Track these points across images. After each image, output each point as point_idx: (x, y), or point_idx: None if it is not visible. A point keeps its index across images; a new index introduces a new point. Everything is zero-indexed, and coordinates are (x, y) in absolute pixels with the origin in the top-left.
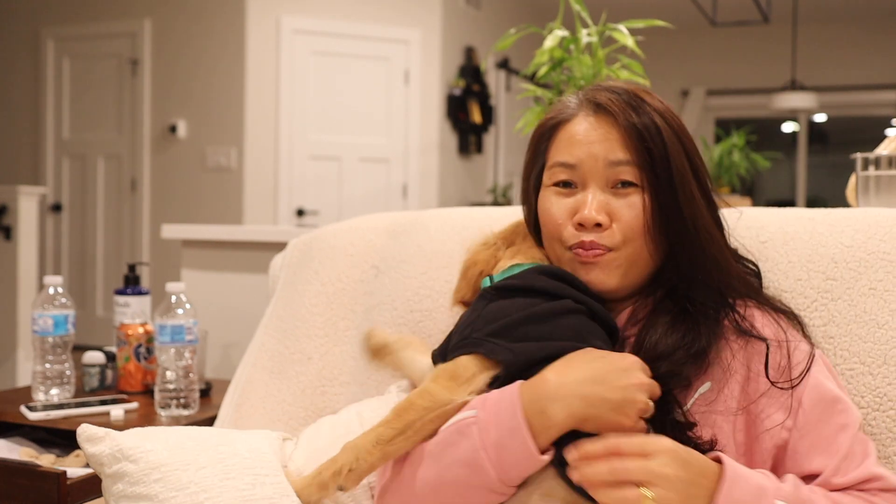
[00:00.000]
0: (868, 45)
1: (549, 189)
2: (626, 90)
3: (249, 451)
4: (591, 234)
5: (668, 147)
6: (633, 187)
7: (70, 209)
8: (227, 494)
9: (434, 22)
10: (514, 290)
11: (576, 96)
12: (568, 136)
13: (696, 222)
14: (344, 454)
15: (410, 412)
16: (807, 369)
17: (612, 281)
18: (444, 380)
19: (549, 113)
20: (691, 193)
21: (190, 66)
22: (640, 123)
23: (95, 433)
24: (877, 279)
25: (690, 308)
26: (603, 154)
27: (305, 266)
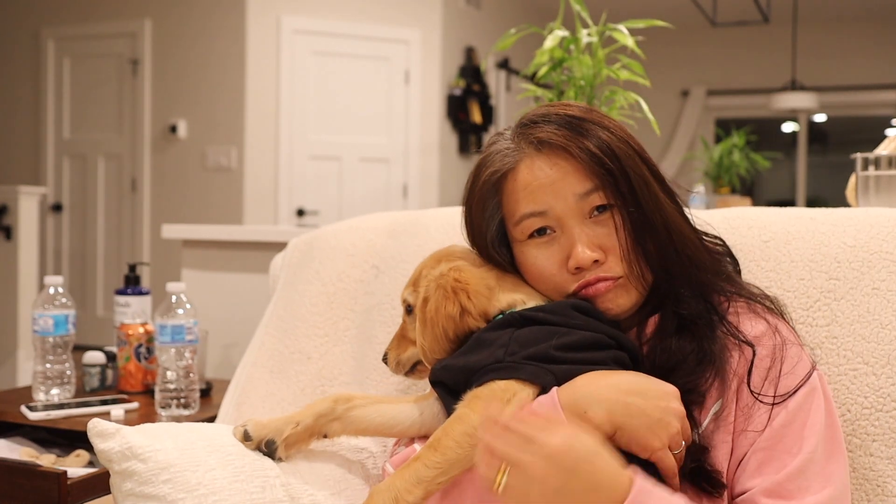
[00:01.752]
0: (868, 45)
1: (525, 244)
2: (555, 114)
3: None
4: (592, 272)
5: (621, 158)
6: (607, 210)
7: (70, 209)
8: (236, 497)
9: (434, 22)
10: (545, 322)
11: (509, 140)
12: (522, 184)
13: (668, 225)
14: (379, 496)
15: (450, 445)
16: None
17: (629, 303)
18: (481, 405)
19: (485, 167)
20: (656, 197)
21: (190, 66)
22: (591, 145)
23: (106, 429)
24: (880, 279)
25: (687, 320)
26: (569, 190)
27: (306, 266)
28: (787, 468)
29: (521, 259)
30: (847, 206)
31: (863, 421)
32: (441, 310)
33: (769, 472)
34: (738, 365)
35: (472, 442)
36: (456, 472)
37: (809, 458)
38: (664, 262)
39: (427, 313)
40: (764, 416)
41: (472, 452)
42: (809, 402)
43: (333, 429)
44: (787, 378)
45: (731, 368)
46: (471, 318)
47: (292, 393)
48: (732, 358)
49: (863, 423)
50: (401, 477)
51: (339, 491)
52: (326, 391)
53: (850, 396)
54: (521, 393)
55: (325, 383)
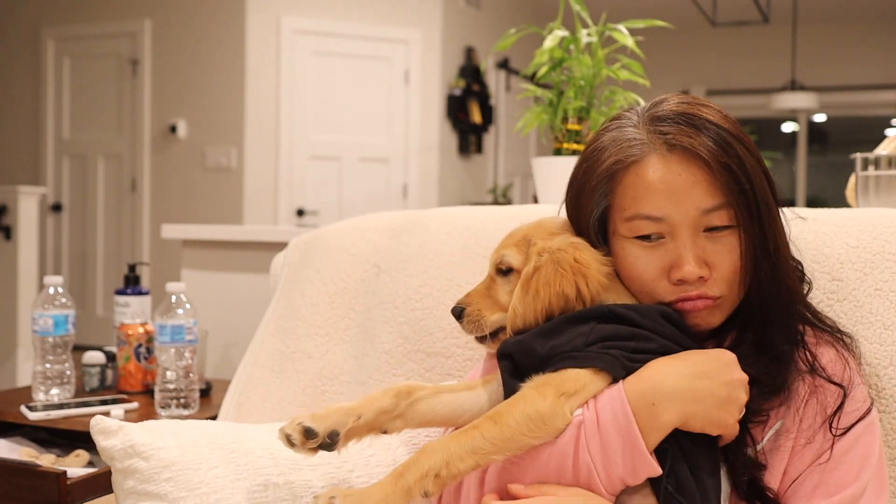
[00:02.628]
0: (868, 45)
1: (629, 241)
2: (693, 115)
3: (263, 449)
4: (694, 288)
5: (753, 179)
6: (727, 229)
7: (70, 209)
8: (237, 496)
9: (434, 22)
10: (632, 323)
11: (638, 129)
12: (645, 183)
13: (779, 252)
14: (430, 457)
15: (509, 423)
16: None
17: (717, 322)
18: (551, 392)
19: (608, 152)
20: (775, 216)
21: (190, 66)
22: (729, 161)
23: (109, 426)
24: (882, 280)
25: (768, 343)
26: (694, 203)
27: (306, 265)
28: (841, 494)
29: (620, 254)
30: (847, 206)
31: None
32: (554, 285)
33: (822, 496)
34: (805, 389)
35: (532, 427)
36: (511, 451)
37: (863, 487)
38: (763, 288)
39: (536, 283)
40: (825, 442)
41: (529, 437)
42: (868, 435)
43: (395, 426)
44: (852, 412)
45: (799, 392)
46: (581, 303)
47: (293, 392)
48: (802, 381)
49: None
50: (456, 441)
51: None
52: (327, 391)
53: None
54: (591, 385)
55: (325, 383)
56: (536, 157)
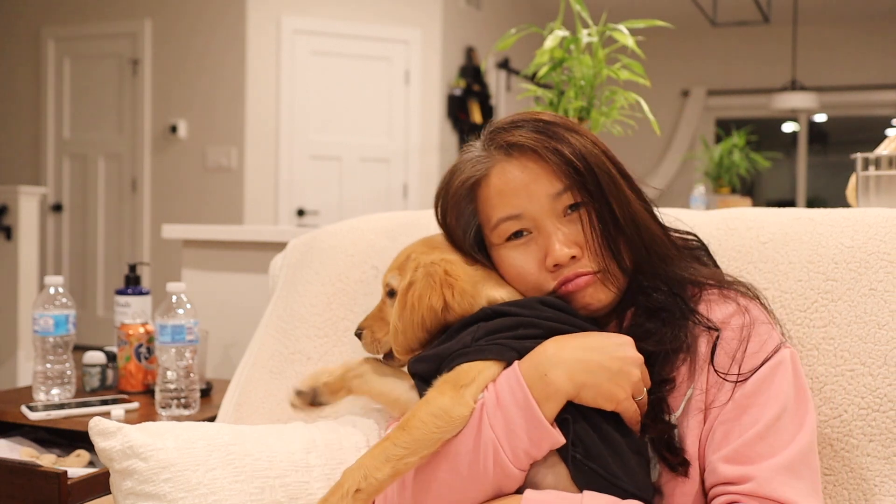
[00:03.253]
0: (868, 45)
1: (503, 247)
2: (523, 119)
3: (261, 451)
4: (570, 268)
5: (588, 158)
6: (579, 208)
7: (70, 209)
8: (235, 497)
9: (434, 22)
10: (514, 315)
11: (479, 149)
12: (496, 190)
13: (636, 221)
14: (349, 476)
15: (416, 425)
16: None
17: (607, 297)
18: (448, 388)
19: (457, 175)
20: (624, 194)
21: (190, 66)
22: (560, 147)
23: (108, 427)
24: (877, 280)
25: (656, 310)
26: (542, 192)
27: (306, 266)
28: (747, 434)
29: (500, 262)
30: (847, 206)
31: (859, 421)
32: (424, 299)
33: (731, 440)
34: (706, 348)
35: (438, 423)
36: (424, 452)
37: (770, 424)
38: (634, 257)
39: (409, 298)
40: (728, 392)
41: (437, 434)
42: (773, 374)
43: (355, 385)
44: (753, 356)
45: (700, 354)
46: (451, 315)
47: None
48: (702, 343)
49: (859, 424)
50: (370, 455)
51: None
52: None
53: (846, 397)
54: (486, 371)
55: None
56: None
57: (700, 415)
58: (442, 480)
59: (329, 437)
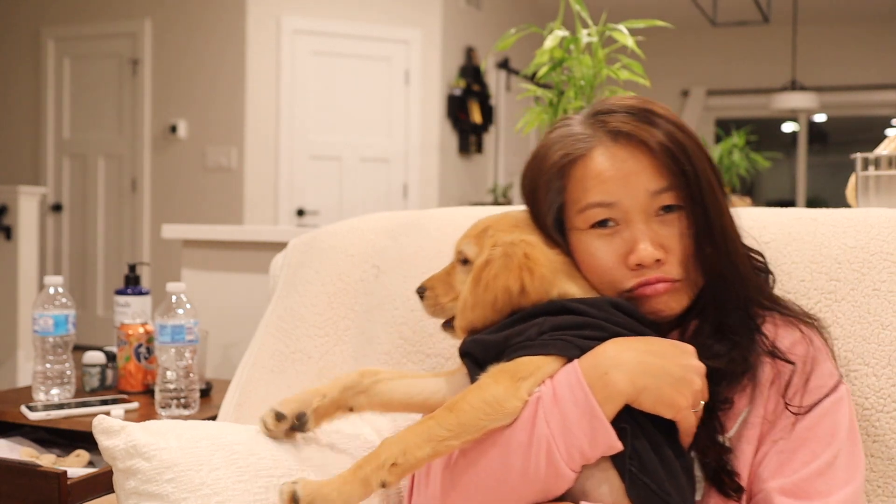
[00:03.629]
0: (868, 45)
1: (586, 233)
2: (637, 108)
3: (265, 451)
4: (652, 272)
5: (694, 161)
6: (675, 211)
7: (70, 209)
8: (239, 497)
9: (434, 22)
10: (582, 314)
11: (583, 124)
12: (593, 172)
13: (726, 234)
14: (387, 448)
15: (465, 409)
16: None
17: (679, 306)
18: (505, 378)
19: (555, 148)
20: (721, 204)
21: (190, 66)
22: (670, 144)
23: (111, 426)
24: (880, 280)
25: (726, 328)
26: (642, 186)
27: (306, 266)
28: (806, 469)
29: (579, 248)
30: (847, 206)
31: (863, 422)
32: (500, 279)
33: (788, 473)
34: (769, 374)
35: (487, 410)
36: (467, 437)
37: (829, 462)
38: (717, 271)
39: (484, 276)
40: (789, 421)
41: (484, 421)
42: (833, 409)
43: (359, 402)
44: (816, 389)
45: (762, 379)
46: (526, 299)
47: (293, 393)
48: (765, 369)
49: (863, 424)
50: (413, 431)
51: None
52: None
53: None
54: (546, 367)
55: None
56: None
57: (755, 440)
58: (491, 472)
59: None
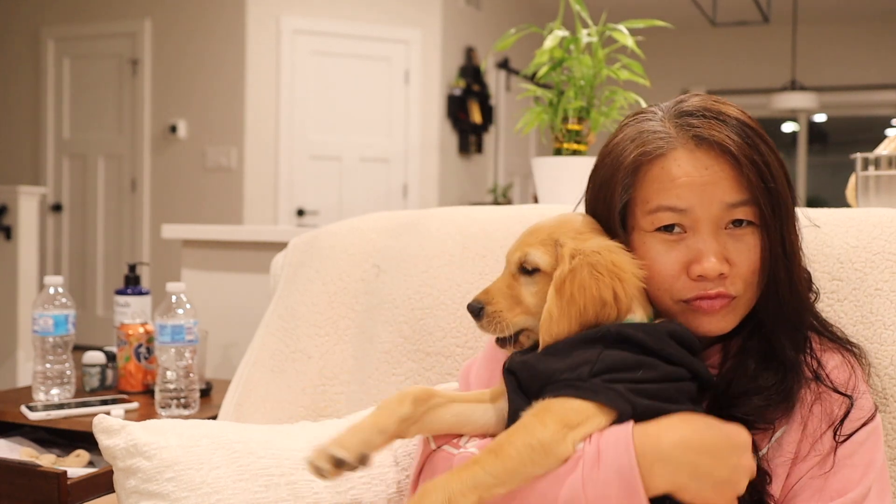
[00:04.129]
0: (868, 45)
1: (651, 235)
2: (719, 111)
3: (265, 449)
4: (713, 286)
5: (776, 177)
6: (748, 227)
7: (70, 209)
8: (239, 496)
9: (434, 22)
10: (639, 345)
11: (663, 123)
12: (670, 175)
13: (795, 258)
14: (432, 495)
15: (511, 454)
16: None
17: (730, 326)
18: (553, 422)
19: (634, 144)
20: (793, 220)
21: (190, 66)
22: (756, 157)
23: (112, 425)
24: (883, 280)
25: (776, 350)
26: (720, 197)
27: (306, 265)
28: (843, 498)
29: (640, 250)
30: (847, 206)
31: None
32: (591, 289)
33: (824, 500)
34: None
35: (535, 457)
36: (514, 483)
37: (865, 493)
38: (780, 291)
39: (571, 287)
40: (826, 447)
41: (532, 469)
42: (871, 441)
43: (411, 431)
44: (856, 418)
45: (804, 400)
46: (616, 310)
47: (293, 392)
48: (808, 389)
49: None
50: (457, 478)
51: (344, 490)
52: (327, 391)
53: None
54: (595, 419)
55: (325, 383)
56: (536, 157)
57: (788, 461)
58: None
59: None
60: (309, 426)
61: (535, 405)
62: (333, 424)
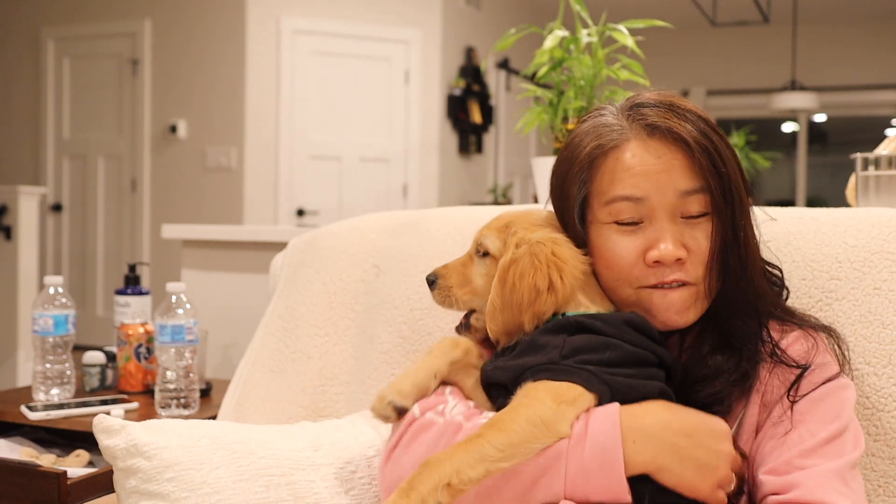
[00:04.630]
0: (868, 45)
1: (608, 227)
2: (671, 103)
3: (265, 450)
4: (671, 272)
5: (729, 167)
6: (702, 217)
7: (70, 209)
8: (239, 496)
9: (434, 22)
10: (599, 333)
11: (617, 116)
12: (623, 165)
13: (749, 245)
14: (438, 468)
15: (515, 429)
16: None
17: (692, 319)
18: (549, 399)
19: (588, 137)
20: (748, 215)
21: (190, 66)
22: (708, 145)
23: (112, 425)
24: (881, 279)
25: (730, 336)
26: (674, 184)
27: (306, 265)
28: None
29: (597, 242)
30: (847, 206)
31: (864, 421)
32: (528, 278)
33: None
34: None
35: (536, 432)
36: (518, 458)
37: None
38: (735, 280)
39: (510, 276)
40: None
41: (535, 444)
42: (833, 394)
43: (458, 379)
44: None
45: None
46: (553, 299)
47: (293, 393)
48: (764, 367)
49: (864, 424)
50: (463, 450)
51: (344, 490)
52: (327, 391)
53: None
54: (583, 399)
55: (325, 383)
56: (536, 157)
57: (752, 436)
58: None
59: (336, 436)
60: (309, 426)
61: (523, 387)
62: (333, 424)
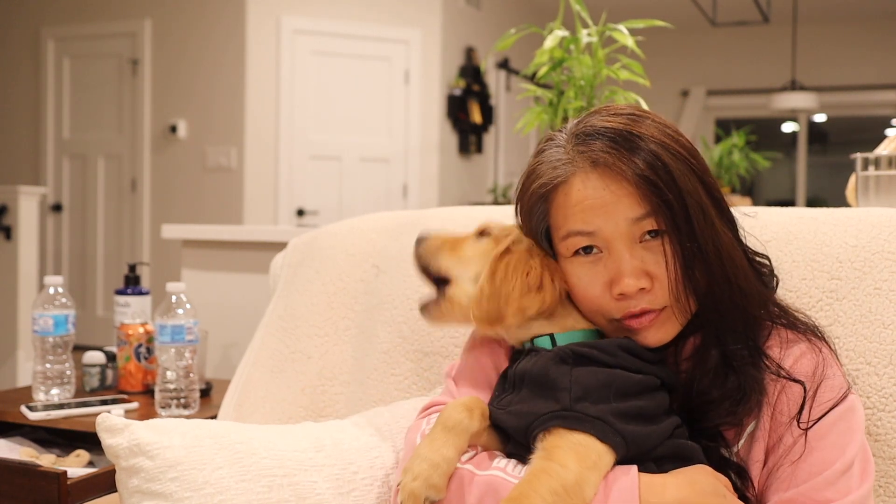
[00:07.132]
0: (868, 45)
1: (570, 260)
2: (617, 130)
3: (268, 450)
4: (637, 302)
5: (678, 181)
6: (660, 236)
7: (70, 209)
8: (242, 496)
9: (434, 22)
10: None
11: (563, 149)
12: (573, 201)
13: (721, 255)
14: None
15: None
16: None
17: (671, 334)
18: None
19: (535, 177)
20: (713, 225)
21: (190, 66)
22: (650, 173)
23: (115, 424)
24: (882, 279)
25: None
26: (622, 214)
27: (306, 265)
28: (815, 479)
29: (567, 272)
30: (847, 206)
31: (865, 421)
32: (519, 272)
33: (797, 483)
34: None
35: (560, 501)
36: None
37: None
38: (713, 293)
39: (505, 266)
40: (796, 434)
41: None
42: (845, 420)
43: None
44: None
45: (770, 392)
46: (540, 298)
47: (292, 393)
48: (774, 381)
49: (865, 424)
50: None
51: (347, 491)
52: (326, 391)
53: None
54: (606, 457)
55: (325, 383)
56: None
57: (762, 454)
58: None
59: (338, 436)
60: (311, 427)
61: (540, 445)
62: (336, 425)
